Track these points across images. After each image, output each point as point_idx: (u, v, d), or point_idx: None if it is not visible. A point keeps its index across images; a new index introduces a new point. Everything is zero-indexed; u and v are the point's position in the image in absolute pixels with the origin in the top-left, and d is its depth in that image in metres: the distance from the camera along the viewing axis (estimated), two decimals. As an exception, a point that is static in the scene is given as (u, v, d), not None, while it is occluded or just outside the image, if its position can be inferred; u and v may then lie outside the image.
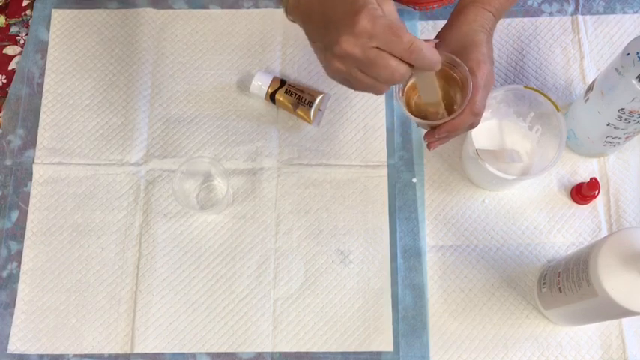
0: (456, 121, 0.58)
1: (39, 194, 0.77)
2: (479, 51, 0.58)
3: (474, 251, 0.73)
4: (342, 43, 0.47)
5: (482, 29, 0.60)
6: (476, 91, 0.56)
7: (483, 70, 0.57)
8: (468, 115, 0.57)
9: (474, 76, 0.57)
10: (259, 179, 0.77)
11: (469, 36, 0.59)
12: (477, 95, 0.56)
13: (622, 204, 0.74)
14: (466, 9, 0.61)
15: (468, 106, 0.56)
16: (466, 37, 0.59)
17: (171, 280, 0.73)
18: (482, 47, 0.59)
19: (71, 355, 0.71)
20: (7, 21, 0.86)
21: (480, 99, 0.57)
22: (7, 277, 0.74)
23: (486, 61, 0.58)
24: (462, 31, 0.60)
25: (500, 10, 0.63)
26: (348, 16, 0.47)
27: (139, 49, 0.83)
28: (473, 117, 0.58)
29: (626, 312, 0.53)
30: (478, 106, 0.57)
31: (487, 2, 0.61)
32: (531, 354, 0.69)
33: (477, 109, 0.57)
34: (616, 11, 0.83)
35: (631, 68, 0.59)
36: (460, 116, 0.57)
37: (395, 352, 0.70)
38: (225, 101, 0.80)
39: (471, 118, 0.58)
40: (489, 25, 0.61)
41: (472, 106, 0.57)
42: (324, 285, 0.73)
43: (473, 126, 0.60)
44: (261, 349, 0.70)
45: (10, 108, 0.81)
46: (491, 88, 0.60)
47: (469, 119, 0.58)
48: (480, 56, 0.58)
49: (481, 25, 0.60)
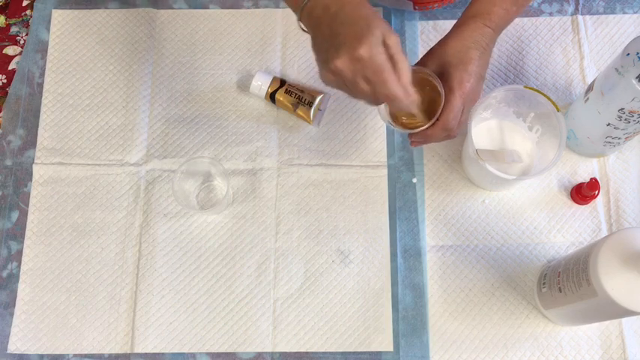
0: (428, 132, 0.61)
1: (39, 194, 0.77)
2: (465, 69, 0.60)
3: (474, 251, 0.73)
4: (337, 61, 0.51)
5: (476, 46, 0.61)
6: (448, 109, 0.60)
7: (464, 88, 0.60)
8: (438, 129, 0.61)
9: (452, 94, 0.60)
10: (259, 179, 0.77)
11: (460, 53, 0.61)
12: (449, 113, 0.60)
13: (622, 204, 0.74)
14: (465, 24, 0.63)
15: (439, 121, 0.60)
16: (457, 54, 0.61)
17: (171, 280, 0.73)
18: (469, 65, 0.61)
19: (71, 355, 0.71)
20: (7, 21, 0.86)
21: (452, 116, 0.60)
22: (7, 277, 0.74)
23: (470, 79, 0.61)
24: (455, 48, 0.62)
25: (501, 25, 0.64)
26: (350, 39, 0.51)
27: (139, 49, 0.83)
28: (444, 131, 0.61)
29: (626, 312, 0.53)
30: (449, 123, 0.60)
31: (487, 18, 0.62)
32: (531, 354, 0.69)
33: (448, 124, 0.60)
34: (616, 11, 0.83)
35: (631, 68, 0.59)
36: (432, 128, 0.61)
37: (395, 352, 0.70)
38: (225, 101, 0.80)
39: (443, 132, 0.61)
40: (486, 41, 0.62)
41: (444, 122, 0.60)
42: (324, 285, 0.73)
43: (449, 137, 0.63)
44: (261, 349, 0.70)
45: (10, 108, 0.81)
46: (474, 102, 0.64)
47: (440, 132, 0.61)
48: (465, 75, 0.60)
49: (475, 41, 0.61)
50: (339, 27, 0.52)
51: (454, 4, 0.83)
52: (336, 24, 0.52)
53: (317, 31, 0.55)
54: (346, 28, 0.52)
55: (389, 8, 0.83)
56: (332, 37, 0.53)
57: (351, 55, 0.51)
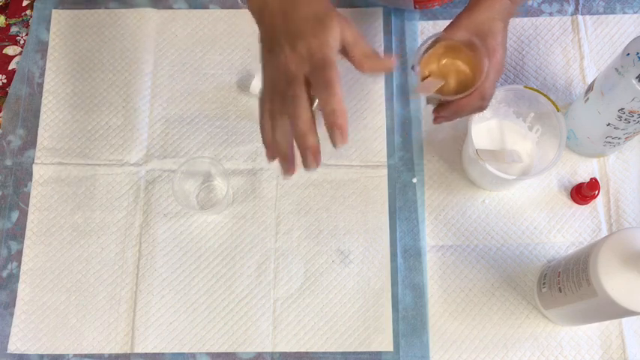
0: (464, 102, 0.61)
1: (39, 194, 0.77)
2: (495, 39, 0.60)
3: (474, 251, 0.73)
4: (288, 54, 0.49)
5: (500, 16, 0.61)
6: (487, 76, 0.59)
7: (497, 57, 0.60)
8: (475, 98, 0.60)
9: (487, 63, 0.59)
10: (259, 179, 0.77)
11: (487, 23, 0.61)
12: (487, 81, 0.59)
13: (622, 204, 0.74)
14: None
15: (477, 89, 0.59)
16: (484, 24, 0.61)
17: (171, 280, 0.73)
18: (498, 35, 0.61)
19: (71, 355, 0.71)
20: (7, 21, 0.86)
21: (489, 85, 0.60)
22: (7, 277, 0.74)
23: (500, 49, 0.61)
24: (481, 18, 0.61)
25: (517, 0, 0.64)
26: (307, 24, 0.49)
27: (139, 49, 0.83)
28: (480, 100, 0.60)
29: (626, 312, 0.53)
30: (487, 91, 0.60)
31: None
32: (531, 354, 0.69)
33: (486, 93, 0.60)
34: (616, 11, 0.83)
35: (631, 68, 0.59)
36: (468, 97, 0.60)
37: (395, 352, 0.70)
38: (225, 101, 0.80)
39: (479, 102, 0.61)
40: (507, 13, 0.62)
41: (482, 90, 0.60)
42: (324, 285, 0.73)
43: (481, 109, 0.62)
44: (261, 349, 0.70)
45: (10, 108, 0.81)
46: (501, 74, 0.63)
47: (476, 102, 0.61)
48: (496, 44, 0.60)
49: (499, 12, 0.61)
50: (297, 20, 0.50)
51: (454, 3, 0.83)
52: (292, 16, 0.50)
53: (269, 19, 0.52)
54: (302, 11, 0.50)
55: (389, 8, 0.83)
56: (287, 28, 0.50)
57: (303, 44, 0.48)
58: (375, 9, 0.84)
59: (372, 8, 0.84)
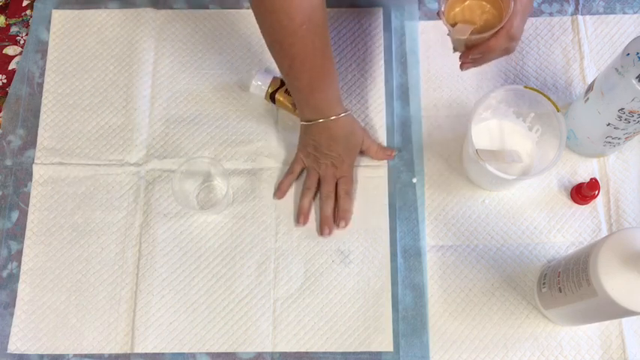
0: (491, 42, 0.60)
1: (39, 194, 0.77)
2: None
3: (474, 251, 0.73)
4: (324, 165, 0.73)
5: None
6: (514, 15, 0.59)
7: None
8: (503, 37, 0.59)
9: (515, 1, 0.59)
10: (259, 179, 0.77)
11: None
12: (514, 19, 0.59)
13: (622, 204, 0.74)
14: None
15: (504, 28, 0.59)
16: None
17: (171, 280, 0.73)
18: None
19: (71, 355, 0.71)
20: (7, 21, 0.86)
21: (517, 23, 0.59)
22: (7, 277, 0.74)
23: None
24: None
25: None
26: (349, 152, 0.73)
27: (139, 49, 0.83)
28: (508, 40, 0.60)
29: (626, 312, 0.53)
30: (515, 30, 0.59)
31: None
32: (531, 354, 0.69)
33: (514, 32, 0.59)
34: (616, 11, 0.83)
35: (631, 68, 0.59)
36: (495, 37, 0.60)
37: (395, 352, 0.70)
38: (225, 101, 0.80)
39: (506, 41, 0.60)
40: None
41: (509, 29, 0.59)
42: (324, 285, 0.73)
43: (508, 51, 0.62)
44: (261, 349, 0.70)
45: (10, 108, 0.81)
46: (528, 13, 0.62)
47: (504, 42, 0.60)
48: None
49: None
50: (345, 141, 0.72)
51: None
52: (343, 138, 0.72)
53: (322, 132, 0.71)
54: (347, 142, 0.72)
55: (389, 8, 0.83)
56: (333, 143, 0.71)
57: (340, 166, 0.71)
58: (375, 9, 0.84)
59: (372, 8, 0.84)
